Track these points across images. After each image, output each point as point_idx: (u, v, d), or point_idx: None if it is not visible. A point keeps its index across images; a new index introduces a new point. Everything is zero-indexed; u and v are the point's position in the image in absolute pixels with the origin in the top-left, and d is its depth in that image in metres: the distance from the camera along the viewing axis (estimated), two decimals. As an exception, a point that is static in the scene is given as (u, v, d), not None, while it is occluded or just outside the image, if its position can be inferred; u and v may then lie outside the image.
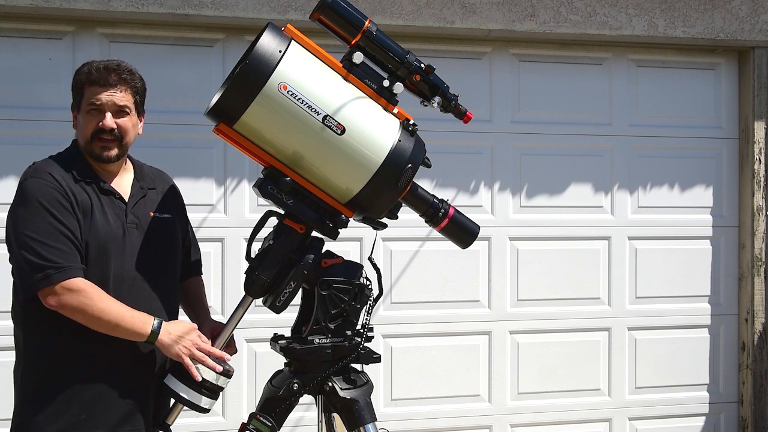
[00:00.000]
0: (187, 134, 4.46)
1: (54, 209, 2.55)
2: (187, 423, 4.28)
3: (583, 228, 5.14)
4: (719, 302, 5.35)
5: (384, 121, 2.59)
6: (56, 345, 2.58)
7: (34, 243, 2.52)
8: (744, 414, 5.34)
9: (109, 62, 2.70)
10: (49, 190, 2.57)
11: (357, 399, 2.65)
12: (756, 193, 5.23)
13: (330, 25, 2.61)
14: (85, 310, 2.51)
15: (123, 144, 2.69)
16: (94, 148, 2.65)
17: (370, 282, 2.70)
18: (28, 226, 2.54)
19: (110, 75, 2.65)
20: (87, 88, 2.65)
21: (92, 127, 2.64)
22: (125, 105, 2.67)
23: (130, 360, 2.63)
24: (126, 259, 2.65)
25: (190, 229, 2.98)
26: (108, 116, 2.64)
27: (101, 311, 2.52)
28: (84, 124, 2.67)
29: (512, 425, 5.04)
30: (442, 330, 4.92)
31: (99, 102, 2.64)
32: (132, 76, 2.70)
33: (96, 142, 2.65)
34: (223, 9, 4.45)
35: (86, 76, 2.66)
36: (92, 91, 2.64)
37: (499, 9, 4.81)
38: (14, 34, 4.38)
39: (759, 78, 5.22)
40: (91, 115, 2.65)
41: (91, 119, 2.65)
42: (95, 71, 2.66)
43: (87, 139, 2.66)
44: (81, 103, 2.67)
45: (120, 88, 2.66)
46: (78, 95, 2.69)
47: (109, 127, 2.64)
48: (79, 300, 2.51)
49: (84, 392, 2.59)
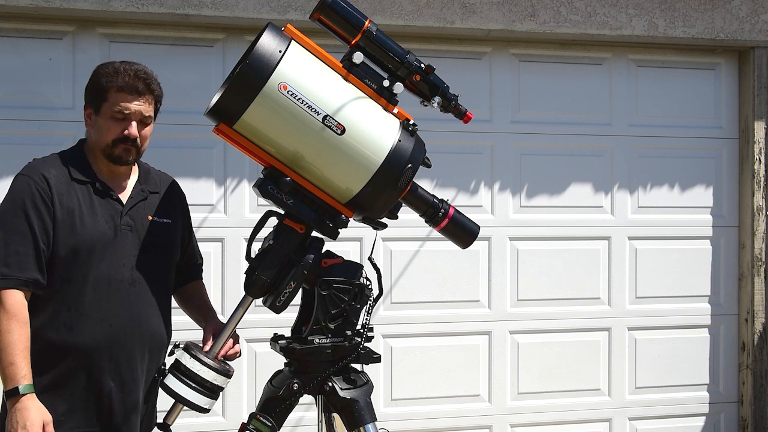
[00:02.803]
0: (187, 134, 4.46)
1: (30, 210, 2.57)
2: (187, 423, 4.29)
3: (583, 228, 5.14)
4: (719, 302, 5.35)
5: (384, 121, 2.59)
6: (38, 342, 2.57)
7: None
8: (744, 414, 5.34)
9: (137, 68, 2.69)
10: (31, 190, 2.59)
11: (357, 399, 2.65)
12: (756, 193, 5.23)
13: (330, 25, 2.61)
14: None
15: (140, 151, 2.72)
16: (115, 151, 2.67)
17: (370, 282, 2.71)
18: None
19: (139, 83, 2.65)
20: (114, 94, 2.64)
21: (116, 134, 2.65)
22: (149, 116, 2.70)
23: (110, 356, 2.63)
24: (116, 261, 2.65)
25: (193, 235, 2.99)
26: (134, 125, 2.66)
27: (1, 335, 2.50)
28: (106, 128, 2.66)
29: (512, 425, 5.04)
30: (442, 330, 4.92)
31: (128, 111, 2.65)
32: (156, 85, 2.72)
33: (118, 146, 2.66)
34: (223, 9, 4.45)
35: (113, 81, 2.65)
36: (120, 98, 2.64)
37: (499, 9, 4.81)
38: (14, 34, 4.38)
39: (759, 78, 5.21)
40: (116, 121, 2.65)
41: (116, 126, 2.65)
42: (124, 76, 2.64)
43: (108, 143, 2.66)
44: (102, 107, 2.66)
45: (147, 98, 2.68)
46: (100, 98, 2.67)
47: (134, 136, 2.66)
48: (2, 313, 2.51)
49: (65, 390, 2.60)
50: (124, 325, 2.66)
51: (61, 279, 2.60)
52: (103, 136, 2.67)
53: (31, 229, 2.55)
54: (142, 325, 2.70)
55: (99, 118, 2.68)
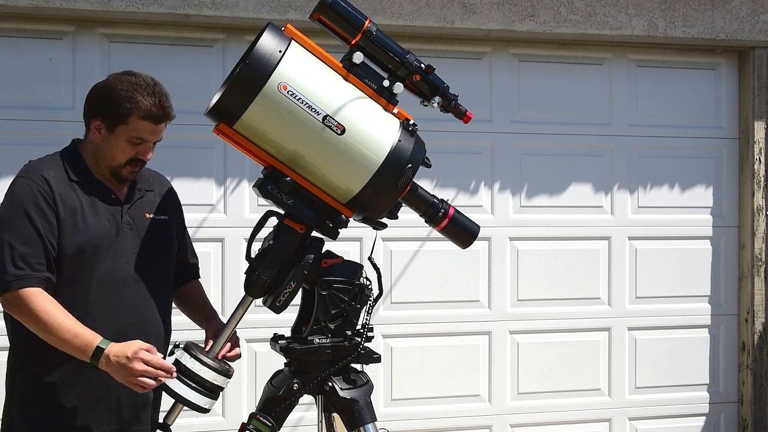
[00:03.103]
0: (187, 134, 4.45)
1: (33, 212, 2.56)
2: (187, 423, 4.29)
3: (583, 228, 5.14)
4: (719, 302, 5.35)
5: (384, 121, 2.58)
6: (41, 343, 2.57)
7: (3, 246, 2.53)
8: (744, 414, 5.34)
9: (161, 94, 2.65)
10: (33, 192, 2.58)
11: (357, 399, 2.65)
12: (756, 193, 5.23)
13: (330, 25, 2.61)
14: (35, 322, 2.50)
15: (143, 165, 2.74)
16: (123, 172, 2.68)
17: (370, 282, 2.70)
18: (3, 227, 2.55)
19: (161, 112, 2.63)
20: (135, 120, 2.61)
21: (129, 155, 2.65)
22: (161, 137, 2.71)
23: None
24: (119, 259, 2.66)
25: (186, 233, 2.98)
26: (150, 149, 2.68)
27: (45, 327, 2.50)
28: (120, 150, 2.64)
29: (512, 425, 5.04)
30: (442, 330, 4.92)
31: (148, 139, 2.65)
32: (171, 107, 2.69)
33: (127, 167, 2.67)
34: (223, 9, 4.45)
35: (135, 107, 2.60)
36: (141, 126, 2.61)
37: (499, 9, 4.81)
38: (14, 34, 4.38)
39: (759, 78, 5.22)
40: (132, 144, 2.64)
41: (131, 148, 2.65)
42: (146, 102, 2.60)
43: (120, 164, 2.66)
44: (119, 128, 2.62)
45: (165, 123, 2.69)
46: (118, 119, 2.61)
47: (149, 159, 2.69)
48: (29, 311, 2.50)
49: (73, 390, 2.60)
50: (130, 322, 2.66)
51: (67, 278, 2.60)
52: (116, 156, 2.65)
53: (36, 230, 2.55)
54: (146, 323, 2.71)
55: (112, 136, 2.64)
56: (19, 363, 2.66)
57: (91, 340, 2.48)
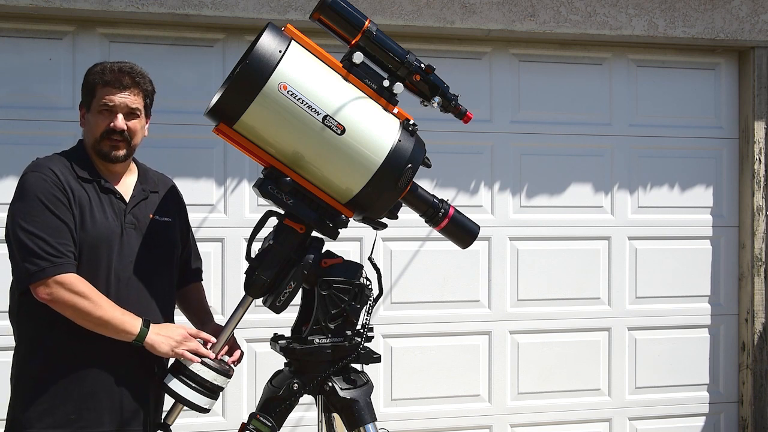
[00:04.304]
0: (187, 134, 4.47)
1: (50, 204, 2.57)
2: (187, 423, 4.29)
3: (583, 228, 5.14)
4: (719, 302, 5.35)
5: (384, 121, 2.59)
6: (49, 340, 2.60)
7: (30, 236, 2.54)
8: (744, 414, 5.34)
9: (123, 64, 2.74)
10: (46, 185, 2.60)
11: (357, 399, 2.66)
12: (756, 193, 5.23)
13: (330, 25, 2.61)
14: (76, 305, 2.53)
15: (131, 145, 2.73)
16: (103, 147, 2.69)
17: (370, 282, 2.71)
18: (25, 220, 2.57)
19: (124, 77, 2.69)
20: (100, 89, 2.69)
21: (103, 127, 2.68)
22: (136, 108, 2.72)
23: (124, 358, 2.64)
24: (122, 258, 2.67)
25: (191, 236, 2.99)
26: (120, 117, 2.68)
27: (91, 308, 2.54)
28: (94, 123, 2.70)
29: (512, 425, 5.04)
30: (442, 330, 4.92)
31: (112, 103, 2.67)
32: (144, 80, 2.75)
33: (105, 141, 2.69)
34: (223, 9, 4.45)
35: (100, 77, 2.69)
36: (105, 92, 2.68)
37: (499, 9, 4.81)
38: (14, 34, 4.38)
39: (759, 78, 5.22)
40: (103, 115, 2.69)
41: (103, 119, 2.68)
42: (109, 73, 2.69)
43: (96, 138, 2.69)
44: (92, 103, 2.71)
45: (133, 90, 2.71)
46: (89, 95, 2.72)
47: (120, 128, 2.68)
48: (70, 295, 2.53)
49: (75, 389, 2.60)
50: None
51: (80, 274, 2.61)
52: (93, 131, 2.71)
53: (59, 218, 2.57)
54: None
55: (90, 115, 2.72)
56: (23, 363, 2.66)
57: (134, 324, 2.58)
